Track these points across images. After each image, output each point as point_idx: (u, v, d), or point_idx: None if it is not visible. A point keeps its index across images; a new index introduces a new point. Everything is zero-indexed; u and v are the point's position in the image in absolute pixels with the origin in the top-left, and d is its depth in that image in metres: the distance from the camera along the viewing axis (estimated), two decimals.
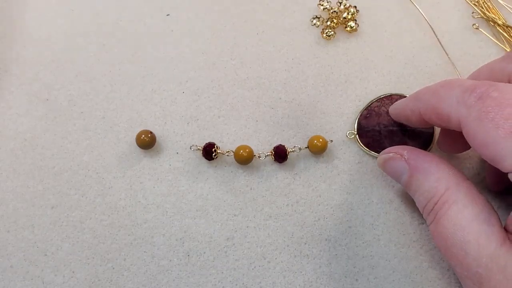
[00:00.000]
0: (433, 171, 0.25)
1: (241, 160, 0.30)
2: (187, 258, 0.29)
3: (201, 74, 0.33)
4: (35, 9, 0.35)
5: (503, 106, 0.21)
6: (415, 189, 0.26)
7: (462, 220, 0.23)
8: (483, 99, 0.22)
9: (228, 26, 0.35)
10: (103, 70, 0.33)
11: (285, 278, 0.29)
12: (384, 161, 0.28)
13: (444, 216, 0.24)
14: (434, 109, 0.25)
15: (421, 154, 0.27)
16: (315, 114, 0.32)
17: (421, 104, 0.26)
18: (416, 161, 0.26)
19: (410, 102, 0.27)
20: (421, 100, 0.26)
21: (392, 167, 0.28)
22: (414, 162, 0.26)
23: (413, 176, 0.26)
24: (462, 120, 0.23)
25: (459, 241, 0.23)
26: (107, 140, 0.32)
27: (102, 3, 0.35)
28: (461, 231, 0.23)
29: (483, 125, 0.22)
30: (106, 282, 0.29)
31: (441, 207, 0.24)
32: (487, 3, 0.35)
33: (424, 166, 0.26)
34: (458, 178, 0.25)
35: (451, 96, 0.23)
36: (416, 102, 0.27)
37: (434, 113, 0.25)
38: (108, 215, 0.30)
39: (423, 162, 0.26)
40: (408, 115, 0.27)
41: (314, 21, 0.34)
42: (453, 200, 0.24)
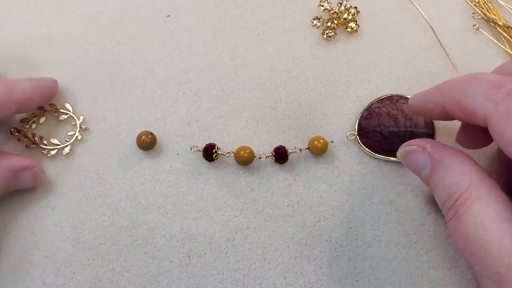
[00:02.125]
0: (456, 166, 0.25)
1: (241, 161, 0.30)
2: (188, 259, 0.29)
3: (201, 75, 0.33)
4: (35, 9, 0.35)
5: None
6: (436, 184, 0.25)
7: (484, 218, 0.22)
8: (511, 96, 0.22)
9: (228, 27, 0.35)
10: (104, 71, 0.33)
11: (286, 279, 0.29)
12: (406, 154, 0.27)
13: (466, 213, 0.23)
14: (459, 103, 0.24)
15: (445, 148, 0.26)
16: (316, 115, 0.32)
17: (445, 97, 0.25)
18: (439, 155, 0.25)
19: (433, 95, 0.27)
20: (445, 94, 0.25)
21: (414, 161, 0.27)
22: (437, 156, 0.25)
23: (435, 171, 0.25)
24: (489, 116, 0.22)
25: (480, 240, 0.22)
26: (107, 141, 0.32)
27: (103, 4, 0.35)
28: (483, 229, 0.22)
29: (511, 122, 0.21)
30: (107, 283, 0.29)
31: (462, 203, 0.23)
32: (488, 3, 0.35)
33: (447, 161, 0.25)
34: (481, 174, 0.24)
35: (478, 92, 0.23)
36: (439, 95, 0.26)
37: (458, 108, 0.24)
38: (108, 216, 0.30)
39: (446, 157, 0.25)
40: (430, 107, 0.27)
41: (315, 22, 0.34)
42: (476, 197, 0.23)
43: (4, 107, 0.28)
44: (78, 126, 0.32)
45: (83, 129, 0.32)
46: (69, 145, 0.31)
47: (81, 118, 0.32)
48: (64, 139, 0.31)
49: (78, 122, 0.32)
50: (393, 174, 0.31)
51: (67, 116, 0.32)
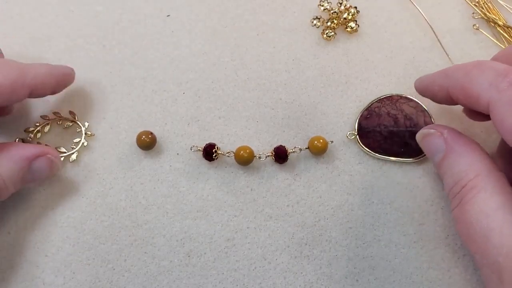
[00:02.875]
0: (467, 154, 0.25)
1: (241, 161, 0.30)
2: (188, 259, 0.29)
3: (201, 75, 0.33)
4: (35, 9, 0.35)
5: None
6: (446, 170, 0.26)
7: (487, 207, 0.23)
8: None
9: (228, 27, 0.35)
10: (104, 71, 0.33)
11: (286, 279, 0.29)
12: (424, 136, 0.28)
13: (470, 201, 0.24)
14: (464, 88, 0.25)
15: (461, 136, 0.26)
16: (316, 115, 0.32)
17: (451, 81, 0.26)
18: (454, 142, 0.26)
19: (439, 78, 0.27)
20: (451, 78, 0.26)
21: (430, 144, 0.27)
22: (452, 143, 0.26)
23: (447, 156, 0.26)
24: (491, 103, 0.23)
25: (482, 228, 0.23)
26: (107, 141, 0.32)
27: (102, 4, 0.35)
28: (486, 218, 0.23)
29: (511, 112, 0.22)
30: (107, 283, 0.29)
31: (468, 191, 0.24)
32: (488, 3, 0.35)
33: (460, 149, 0.26)
34: (491, 166, 0.25)
35: (483, 79, 0.24)
36: (445, 78, 0.26)
37: (463, 93, 0.25)
38: (108, 216, 0.30)
39: (461, 145, 0.26)
40: (435, 90, 0.27)
41: (315, 21, 0.34)
42: (482, 187, 0.24)
43: (16, 90, 0.26)
44: (84, 132, 0.32)
45: (89, 135, 0.32)
46: (75, 152, 0.31)
47: (86, 125, 0.32)
48: (70, 146, 0.31)
49: (83, 128, 0.32)
50: (393, 174, 0.31)
51: (72, 123, 0.32)
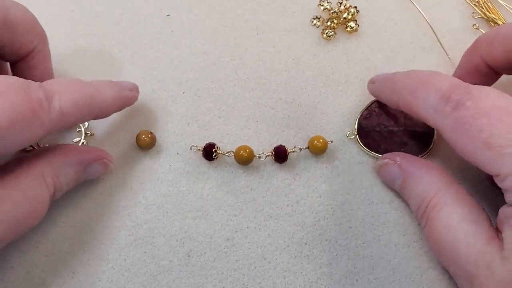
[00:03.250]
0: (424, 176, 0.26)
1: (241, 161, 0.30)
2: (188, 258, 0.29)
3: (201, 74, 0.33)
4: (35, 9, 0.35)
5: (477, 117, 0.22)
6: (408, 193, 0.27)
7: (451, 221, 0.24)
8: (458, 110, 0.22)
9: (228, 26, 0.35)
10: (103, 71, 0.33)
11: (285, 278, 0.29)
12: (379, 167, 0.29)
13: (435, 218, 0.25)
14: (412, 109, 0.25)
15: (413, 160, 0.27)
16: (315, 115, 0.32)
17: (399, 98, 0.26)
18: (409, 166, 0.27)
19: (387, 92, 0.28)
20: (399, 95, 0.26)
21: (387, 173, 0.28)
22: (407, 168, 0.27)
23: (406, 181, 0.27)
24: (439, 128, 0.24)
25: (450, 241, 0.23)
26: (107, 140, 0.32)
27: (102, 4, 0.35)
28: (452, 231, 0.23)
29: (459, 136, 0.22)
30: (107, 283, 0.29)
31: (432, 209, 0.25)
32: (487, 3, 0.35)
33: (416, 172, 0.27)
34: (448, 182, 0.25)
35: (428, 103, 0.24)
36: (392, 93, 0.27)
37: (411, 112, 0.26)
38: (108, 216, 0.30)
39: (415, 168, 0.27)
40: (385, 100, 0.28)
41: (315, 21, 0.34)
42: (443, 202, 0.25)
43: (81, 118, 0.25)
44: (84, 132, 0.32)
45: (89, 135, 0.32)
46: None
47: (86, 124, 0.32)
48: None
49: (83, 128, 0.32)
50: None
51: None
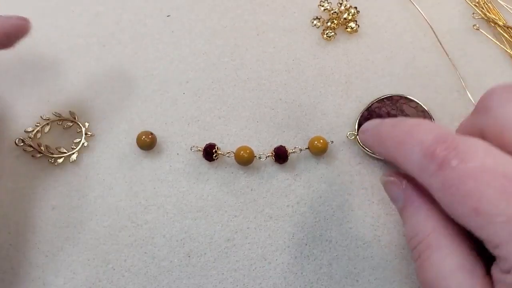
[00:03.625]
0: (423, 209, 0.25)
1: (241, 161, 0.30)
2: (188, 259, 0.29)
3: (201, 75, 0.33)
4: (35, 9, 0.35)
5: (464, 180, 0.20)
6: (405, 219, 0.26)
7: (445, 269, 0.23)
8: (443, 170, 0.21)
9: (228, 27, 0.35)
10: (104, 71, 0.33)
11: (286, 279, 0.29)
12: (385, 182, 0.28)
13: (428, 261, 0.23)
14: (398, 164, 0.24)
15: (417, 189, 0.26)
16: (316, 115, 0.32)
17: (385, 151, 0.25)
18: (411, 194, 0.26)
19: (375, 145, 0.27)
20: (385, 148, 0.25)
21: (391, 191, 0.27)
22: (409, 195, 0.26)
23: (405, 207, 0.26)
24: (427, 186, 0.22)
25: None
26: (107, 141, 0.32)
27: (103, 4, 0.35)
28: (444, 280, 0.22)
29: (447, 198, 0.21)
30: (107, 283, 0.29)
31: (425, 249, 0.24)
32: (488, 3, 0.35)
33: (417, 201, 0.25)
34: (446, 222, 0.24)
35: (412, 161, 0.22)
36: (380, 146, 0.26)
37: (400, 167, 0.24)
38: (108, 216, 0.30)
39: (417, 197, 0.25)
40: (377, 153, 0.28)
41: (315, 22, 0.34)
42: (437, 245, 0.23)
43: None
44: (84, 133, 0.31)
45: (89, 135, 0.32)
46: (75, 152, 0.31)
47: (86, 125, 0.32)
48: (71, 146, 0.31)
49: (84, 129, 0.32)
50: None
51: (72, 123, 0.32)
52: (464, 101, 0.32)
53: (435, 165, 0.21)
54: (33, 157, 0.31)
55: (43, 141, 0.32)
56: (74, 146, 0.31)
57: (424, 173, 0.22)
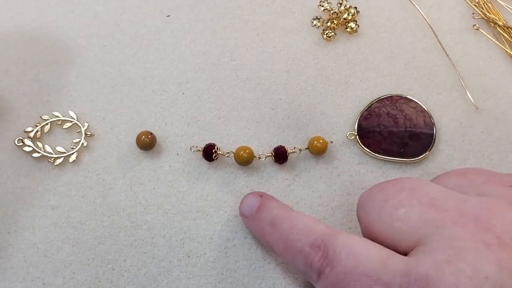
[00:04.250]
0: None
1: (241, 161, 0.30)
2: (187, 259, 0.29)
3: (201, 75, 0.33)
4: (35, 9, 0.35)
5: (334, 285, 0.21)
6: None
7: None
8: (321, 279, 0.22)
9: (228, 27, 0.35)
10: (104, 71, 0.33)
11: (285, 279, 0.29)
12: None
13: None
14: (290, 265, 0.25)
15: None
16: (315, 115, 0.32)
17: (270, 247, 0.26)
18: None
19: (257, 235, 0.28)
20: (268, 244, 0.26)
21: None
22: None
23: None
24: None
25: None
26: (107, 141, 0.32)
27: (103, 4, 0.35)
28: None
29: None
30: (107, 283, 0.29)
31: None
32: (488, 3, 0.35)
33: None
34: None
35: (298, 265, 0.24)
36: (263, 242, 0.27)
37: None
38: (108, 216, 0.30)
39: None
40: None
41: (315, 22, 0.34)
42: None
43: None
44: (83, 133, 0.32)
45: (89, 135, 0.32)
46: (75, 152, 0.31)
47: (85, 125, 0.32)
48: (70, 146, 0.31)
49: (83, 129, 0.32)
50: (393, 174, 0.31)
51: (72, 123, 0.32)
52: (464, 101, 0.32)
53: (315, 274, 0.22)
54: (33, 157, 0.31)
55: (43, 141, 0.32)
56: (74, 146, 0.31)
57: (311, 280, 0.23)
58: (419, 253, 0.20)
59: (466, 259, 0.19)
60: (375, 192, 0.24)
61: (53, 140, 0.32)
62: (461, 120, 0.32)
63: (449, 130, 0.32)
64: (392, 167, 0.31)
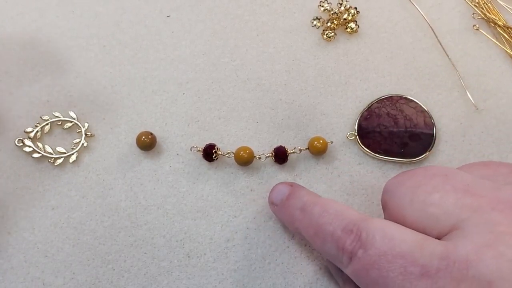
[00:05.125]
0: None
1: (241, 162, 0.30)
2: (188, 259, 0.29)
3: (201, 75, 0.33)
4: (35, 9, 0.35)
5: (368, 268, 0.21)
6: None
7: None
8: (353, 262, 0.22)
9: (228, 27, 0.35)
10: (104, 72, 0.33)
11: (285, 279, 0.29)
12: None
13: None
14: (319, 250, 0.25)
15: None
16: (316, 115, 0.32)
17: (299, 233, 0.26)
18: None
19: (286, 222, 0.27)
20: (298, 231, 0.26)
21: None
22: None
23: None
24: (347, 274, 0.23)
25: None
26: (107, 141, 0.32)
27: (103, 5, 0.35)
28: None
29: (361, 285, 0.22)
30: (107, 284, 0.29)
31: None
32: (488, 4, 0.35)
33: None
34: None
35: (328, 249, 0.23)
36: (293, 228, 0.27)
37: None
38: (108, 217, 0.30)
39: None
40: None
41: (315, 22, 0.34)
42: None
43: None
44: (84, 133, 0.31)
45: (89, 136, 0.32)
46: (75, 152, 0.31)
47: (86, 125, 0.32)
48: (70, 146, 0.31)
49: (83, 129, 0.32)
50: (393, 174, 0.31)
51: (72, 124, 0.32)
52: (464, 101, 0.32)
53: (346, 258, 0.22)
54: (33, 157, 0.31)
55: (43, 141, 0.32)
56: (74, 146, 0.31)
57: (340, 264, 0.23)
58: (457, 237, 0.20)
59: (507, 243, 0.19)
60: (405, 179, 0.24)
61: (53, 140, 0.32)
62: (461, 120, 0.32)
63: (449, 130, 0.32)
64: (392, 167, 0.31)
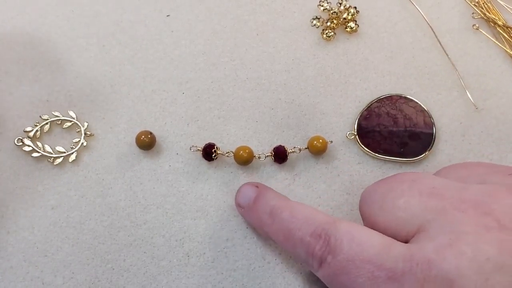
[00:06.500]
0: None
1: (241, 161, 0.30)
2: (187, 259, 0.29)
3: (201, 75, 0.33)
4: (35, 9, 0.35)
5: (337, 273, 0.21)
6: None
7: None
8: (322, 267, 0.22)
9: (228, 27, 0.35)
10: (103, 71, 0.33)
11: (285, 279, 0.29)
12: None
13: None
14: (290, 254, 0.25)
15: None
16: (315, 115, 0.32)
17: (268, 236, 0.26)
18: None
19: (254, 224, 0.28)
20: (267, 234, 0.26)
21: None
22: None
23: None
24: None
25: None
26: (107, 140, 0.32)
27: (102, 4, 0.35)
28: None
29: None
30: (106, 283, 0.29)
31: None
32: (487, 3, 0.35)
33: None
34: None
35: (298, 254, 0.24)
36: (262, 231, 0.27)
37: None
38: (108, 216, 0.30)
39: None
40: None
41: (314, 21, 0.34)
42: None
43: None
44: (83, 132, 0.32)
45: (88, 135, 0.32)
46: (75, 152, 0.31)
47: (85, 125, 0.32)
48: (70, 146, 0.31)
49: (83, 128, 0.32)
50: (392, 173, 0.31)
51: (71, 123, 0.32)
52: (463, 101, 0.32)
53: (316, 263, 0.22)
54: (33, 157, 0.31)
55: (43, 141, 0.32)
56: (73, 146, 0.31)
57: (311, 268, 0.23)
58: (421, 239, 0.20)
59: (467, 242, 0.19)
60: (377, 186, 0.24)
61: (52, 139, 0.32)
62: (461, 120, 0.32)
63: (449, 130, 0.32)
64: (392, 167, 0.31)
